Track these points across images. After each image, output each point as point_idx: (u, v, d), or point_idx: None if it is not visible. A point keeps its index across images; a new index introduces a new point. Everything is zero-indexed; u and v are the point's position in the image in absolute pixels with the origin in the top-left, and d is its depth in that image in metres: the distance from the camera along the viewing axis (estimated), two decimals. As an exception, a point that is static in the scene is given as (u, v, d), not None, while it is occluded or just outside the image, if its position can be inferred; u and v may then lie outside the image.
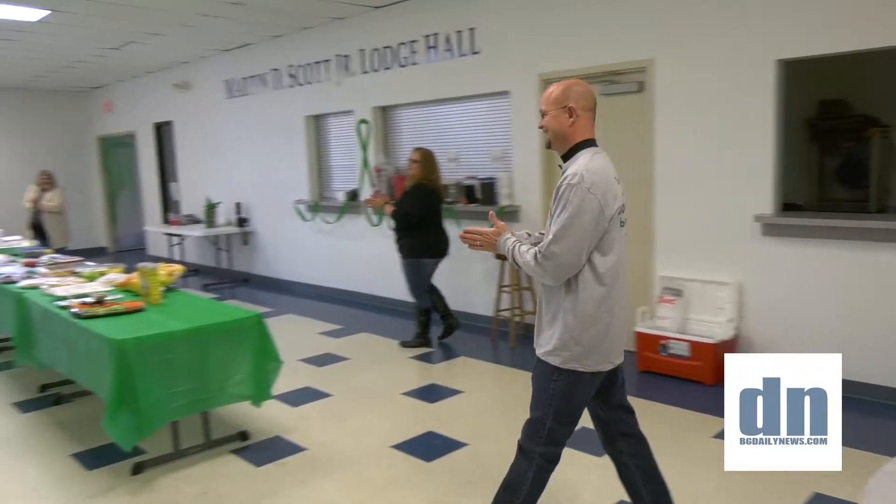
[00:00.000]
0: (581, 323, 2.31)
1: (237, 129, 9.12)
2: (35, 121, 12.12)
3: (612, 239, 2.31)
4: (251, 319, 3.66)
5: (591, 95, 2.41)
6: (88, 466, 3.63)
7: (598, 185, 2.25)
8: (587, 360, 2.34)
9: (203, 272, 9.86)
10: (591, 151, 2.37)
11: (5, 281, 4.89)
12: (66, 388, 4.81)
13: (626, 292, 2.44)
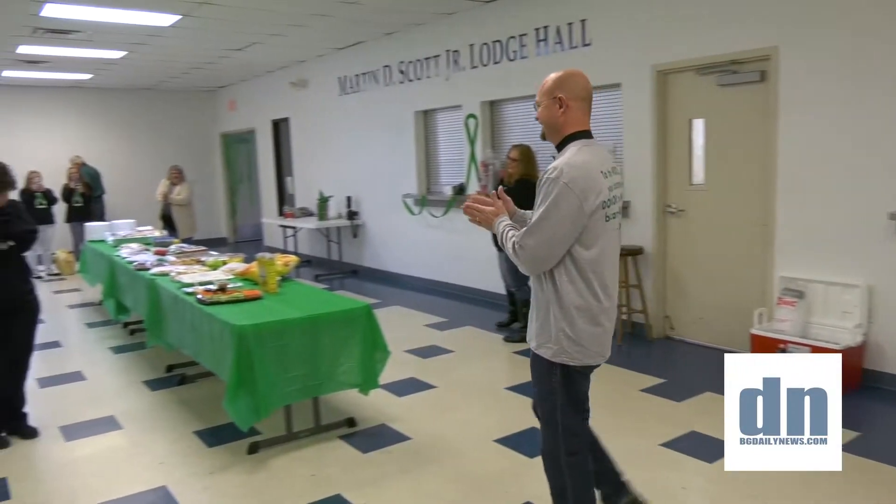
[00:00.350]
0: (567, 315, 2.30)
1: (349, 125, 9.39)
2: (165, 119, 12.98)
3: (596, 233, 2.27)
4: (361, 310, 3.77)
5: (584, 86, 2.35)
6: (209, 444, 3.85)
7: (577, 181, 2.21)
8: (576, 353, 2.33)
9: (315, 263, 10.22)
10: (580, 144, 2.32)
11: (139, 268, 5.28)
12: (191, 369, 5.13)
13: (618, 287, 2.42)
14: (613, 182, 2.33)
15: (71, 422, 4.26)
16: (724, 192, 5.21)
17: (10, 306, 3.87)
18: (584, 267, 2.28)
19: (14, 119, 11.60)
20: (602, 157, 2.34)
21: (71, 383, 5.06)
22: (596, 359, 2.37)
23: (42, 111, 11.84)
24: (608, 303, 2.34)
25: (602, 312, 2.33)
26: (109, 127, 12.41)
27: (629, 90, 5.71)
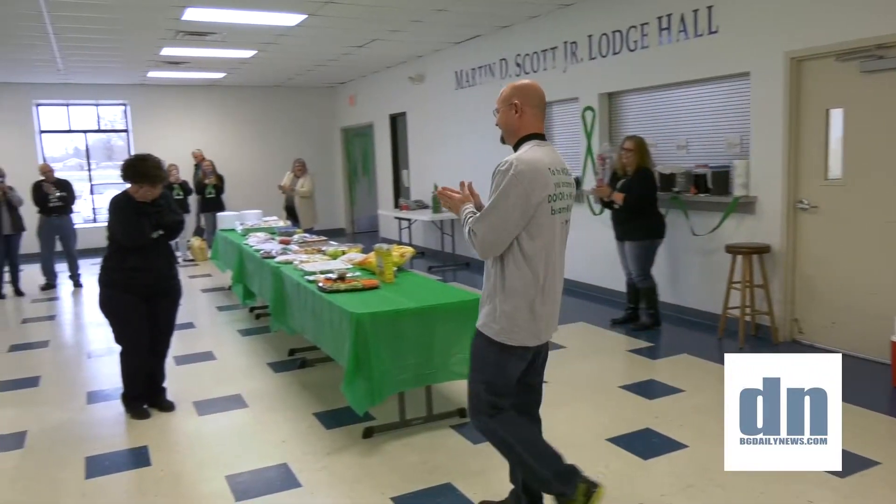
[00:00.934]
0: (509, 299, 2.50)
1: (464, 119, 9.45)
2: (290, 115, 13.58)
3: (541, 225, 2.47)
4: (475, 302, 3.78)
5: (537, 94, 2.61)
6: (327, 426, 4.01)
7: (524, 174, 2.42)
8: (514, 335, 2.52)
9: (428, 255, 10.38)
10: (532, 144, 2.55)
11: (265, 256, 5.56)
12: (311, 353, 5.36)
13: (558, 279, 2.59)
14: (561, 180, 2.53)
15: (203, 398, 4.57)
16: (864, 188, 4.83)
17: (156, 290, 4.18)
18: (529, 255, 2.48)
19: (156, 115, 12.52)
20: (552, 157, 2.54)
21: (203, 362, 5.42)
22: (531, 341, 2.56)
23: (180, 108, 12.71)
24: (548, 290, 2.54)
25: (541, 299, 2.53)
26: (239, 122, 13.14)
27: (759, 79, 5.40)
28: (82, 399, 4.70)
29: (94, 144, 13.19)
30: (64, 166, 13.10)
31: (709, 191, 5.85)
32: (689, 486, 3.16)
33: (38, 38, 7.89)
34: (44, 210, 8.53)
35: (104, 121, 12.88)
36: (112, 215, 4.09)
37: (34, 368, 5.43)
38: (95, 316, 7.47)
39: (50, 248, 8.77)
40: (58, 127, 12.31)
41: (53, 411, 4.47)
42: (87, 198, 12.99)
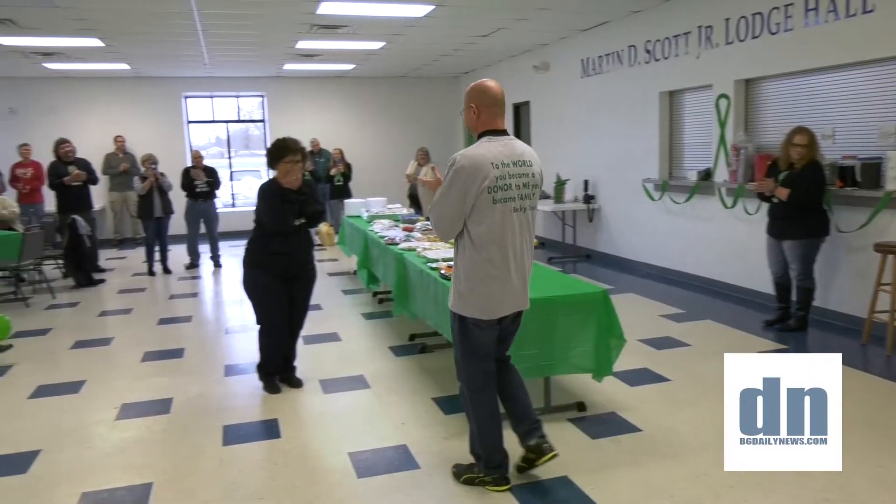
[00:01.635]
0: (465, 277, 2.90)
1: (589, 108, 9.26)
2: (414, 105, 13.83)
3: (483, 212, 2.81)
4: (597, 295, 3.72)
5: (491, 95, 2.92)
6: (445, 411, 4.07)
7: (464, 168, 2.80)
8: (468, 308, 2.92)
9: (549, 246, 10.29)
10: (485, 140, 2.90)
11: (389, 242, 5.71)
12: (431, 339, 5.46)
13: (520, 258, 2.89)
14: (508, 172, 2.83)
15: (328, 377, 4.77)
16: None
17: (295, 273, 4.40)
18: (476, 239, 2.85)
19: (289, 106, 13.14)
20: (503, 151, 2.85)
21: (329, 343, 5.66)
22: (486, 314, 2.91)
23: (311, 99, 13.26)
24: (497, 271, 2.86)
25: (492, 278, 2.86)
26: (366, 112, 13.53)
27: (920, 63, 4.92)
28: (220, 371, 5.03)
29: (234, 134, 14.05)
30: (206, 154, 14.11)
31: (857, 184, 5.41)
32: (825, 501, 2.96)
33: (188, 35, 8.48)
34: (191, 194, 9.18)
35: (243, 111, 13.69)
36: (260, 201, 4.31)
37: (179, 341, 5.88)
38: (233, 294, 8.00)
39: (195, 231, 9.42)
40: (202, 117, 13.20)
41: (195, 381, 4.83)
42: (227, 184, 13.88)
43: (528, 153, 2.94)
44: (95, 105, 12.32)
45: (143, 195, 8.78)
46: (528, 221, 2.93)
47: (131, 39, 8.74)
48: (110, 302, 7.59)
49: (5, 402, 4.53)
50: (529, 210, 2.92)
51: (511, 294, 2.92)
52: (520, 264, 2.92)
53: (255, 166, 15.44)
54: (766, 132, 6.57)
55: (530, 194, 2.91)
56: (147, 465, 3.54)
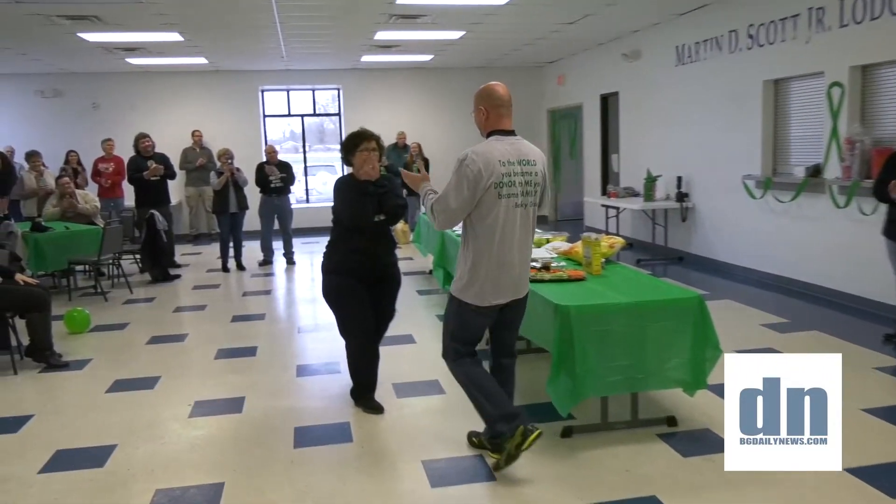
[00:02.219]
0: (468, 266, 3.27)
1: (684, 98, 9.00)
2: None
3: (489, 206, 3.17)
4: (692, 301, 3.60)
5: (496, 95, 3.34)
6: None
7: (475, 162, 3.15)
8: (467, 294, 3.29)
9: (637, 247, 10.07)
10: (493, 139, 3.26)
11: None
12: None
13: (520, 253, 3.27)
14: (514, 170, 3.20)
15: (402, 381, 4.80)
16: None
17: (378, 276, 4.24)
18: (479, 232, 3.21)
19: (365, 99, 13.35)
20: (509, 150, 3.23)
21: (403, 345, 5.70)
22: (485, 300, 3.27)
23: (387, 91, 13.42)
24: (499, 261, 3.22)
25: (493, 268, 3.23)
26: (444, 105, 13.57)
27: None
28: (292, 371, 5.15)
29: (309, 128, 14.40)
30: (281, 149, 14.50)
31: None
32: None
33: (267, 27, 8.74)
34: (265, 190, 9.45)
35: (318, 105, 14.00)
36: (336, 196, 4.22)
37: (252, 339, 6.06)
38: (306, 292, 8.18)
39: (269, 227, 9.69)
40: (278, 111, 13.58)
41: (267, 381, 4.96)
42: (301, 179, 14.22)
43: (533, 153, 3.30)
44: (174, 99, 12.86)
45: (218, 190, 9.11)
46: (528, 217, 3.29)
47: (210, 33, 9.07)
48: (185, 298, 7.89)
49: (83, 396, 4.77)
50: (531, 206, 3.28)
51: (512, 283, 3.29)
52: (521, 256, 3.29)
53: (330, 161, 15.79)
54: (886, 124, 6.21)
55: (533, 192, 3.26)
56: (219, 464, 3.65)
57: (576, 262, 4.56)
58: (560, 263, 4.49)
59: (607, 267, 4.44)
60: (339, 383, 4.78)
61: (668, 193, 9.25)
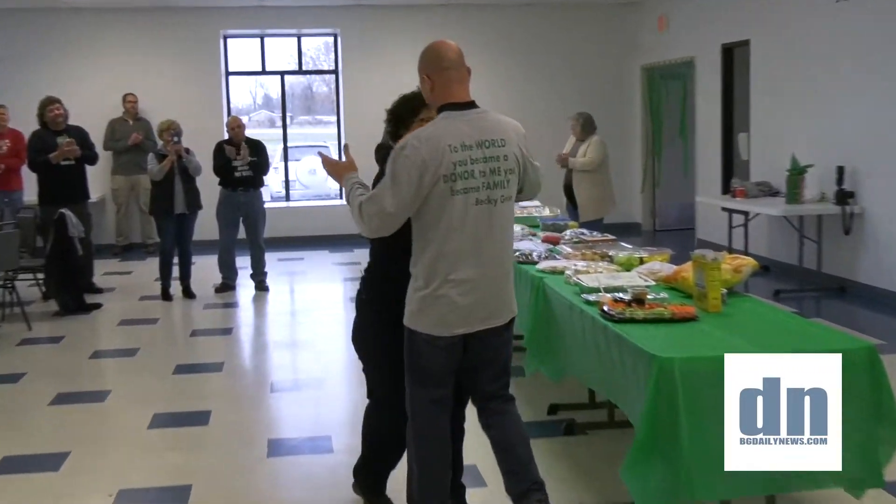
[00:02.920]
0: (413, 282, 3.53)
1: (850, 50, 8.94)
2: (559, 48, 13.86)
3: (440, 206, 3.41)
4: (859, 353, 3.53)
5: (441, 55, 3.53)
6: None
7: (417, 150, 3.36)
8: (418, 321, 3.52)
9: (776, 270, 9.98)
10: (442, 117, 3.50)
11: (523, 260, 5.70)
12: (582, 413, 5.40)
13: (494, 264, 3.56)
14: (471, 156, 3.42)
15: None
16: None
17: None
18: (429, 238, 3.44)
19: (373, 50, 13.45)
20: (462, 131, 3.43)
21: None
22: (444, 329, 3.48)
23: (404, 40, 13.38)
24: (460, 276, 3.44)
25: (452, 285, 3.44)
26: (485, 60, 13.48)
27: None
28: (261, 449, 5.18)
29: (292, 91, 14.60)
30: (251, 121, 14.58)
31: None
32: None
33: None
34: (227, 181, 9.55)
35: (306, 58, 14.19)
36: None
37: (204, 400, 6.11)
38: (283, 333, 8.22)
39: (231, 235, 9.80)
40: (247, 67, 13.76)
41: (225, 462, 4.98)
42: (279, 166, 14.32)
43: (500, 128, 3.54)
44: (98, 49, 13.11)
45: (159, 181, 9.22)
46: (501, 214, 3.53)
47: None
48: (107, 338, 8.00)
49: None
50: (501, 201, 3.51)
51: (480, 304, 3.51)
52: (492, 268, 3.53)
53: (323, 139, 15.96)
54: None
55: (502, 182, 3.50)
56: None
57: (683, 294, 4.53)
58: (659, 295, 4.46)
59: (730, 301, 4.40)
60: (330, 466, 4.79)
61: (823, 192, 9.20)
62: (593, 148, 9.29)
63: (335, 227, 12.89)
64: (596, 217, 9.12)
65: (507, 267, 3.64)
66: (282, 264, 11.43)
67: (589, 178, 9.33)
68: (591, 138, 9.33)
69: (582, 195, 9.31)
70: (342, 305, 9.27)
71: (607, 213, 9.41)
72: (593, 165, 9.25)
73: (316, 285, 10.73)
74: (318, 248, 12.76)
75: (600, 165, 9.31)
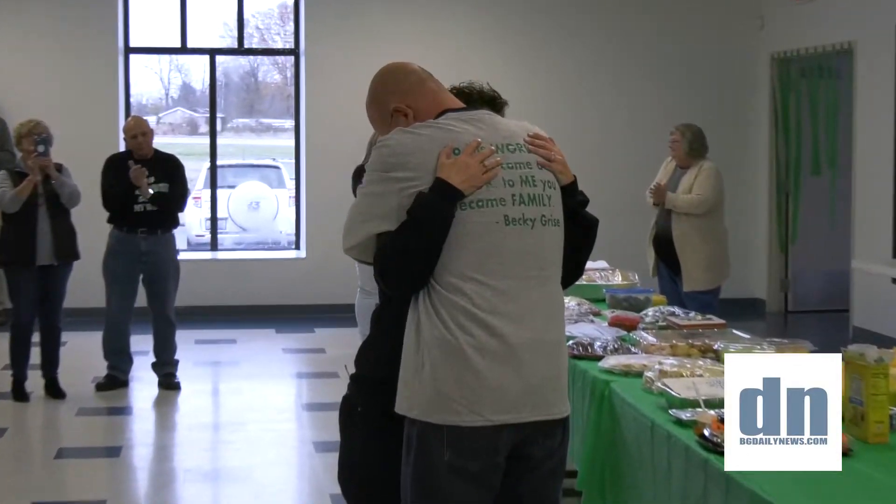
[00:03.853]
0: (425, 356, 3.50)
1: None
2: (654, 31, 14.12)
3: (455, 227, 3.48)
4: None
5: (404, 72, 3.83)
6: None
7: (402, 147, 3.57)
8: (440, 409, 3.44)
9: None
10: (443, 119, 3.67)
11: (580, 353, 5.70)
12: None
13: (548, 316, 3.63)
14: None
15: None
16: None
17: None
18: (440, 279, 3.50)
19: (357, 20, 13.58)
20: (476, 133, 3.59)
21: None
22: (469, 418, 3.43)
23: (402, 11, 13.66)
24: (484, 334, 3.44)
25: (475, 349, 3.43)
26: (529, 46, 13.77)
27: None
28: None
29: (224, 81, 14.66)
30: (159, 124, 14.69)
31: None
32: None
33: None
34: (121, 217, 9.62)
35: (247, 30, 14.31)
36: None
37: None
38: (198, 458, 8.20)
39: (125, 301, 9.84)
40: (156, 42, 13.87)
41: None
42: (202, 195, 14.39)
43: (521, 132, 3.70)
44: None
45: (12, 213, 9.28)
46: (544, 243, 3.59)
47: None
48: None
49: None
50: (543, 224, 3.58)
51: (517, 381, 3.49)
52: (534, 324, 3.53)
53: (270, 154, 16.02)
54: None
55: (540, 196, 3.59)
56: None
57: (830, 413, 4.55)
58: (793, 412, 4.49)
59: (905, 427, 4.44)
60: None
61: None
62: (707, 179, 9.20)
63: (287, 293, 12.97)
64: (707, 287, 9.12)
65: (560, 330, 3.67)
66: (202, 349, 11.44)
67: (699, 225, 9.25)
68: (702, 164, 9.26)
69: (687, 251, 9.22)
70: (294, 417, 9.27)
71: (723, 280, 9.39)
72: (707, 206, 9.18)
73: (254, 384, 10.60)
74: (260, 324, 12.85)
75: (715, 206, 9.29)
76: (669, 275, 9.29)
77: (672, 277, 9.16)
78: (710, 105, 13.72)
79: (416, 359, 3.52)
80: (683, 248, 9.22)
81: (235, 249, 14.47)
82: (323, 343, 11.50)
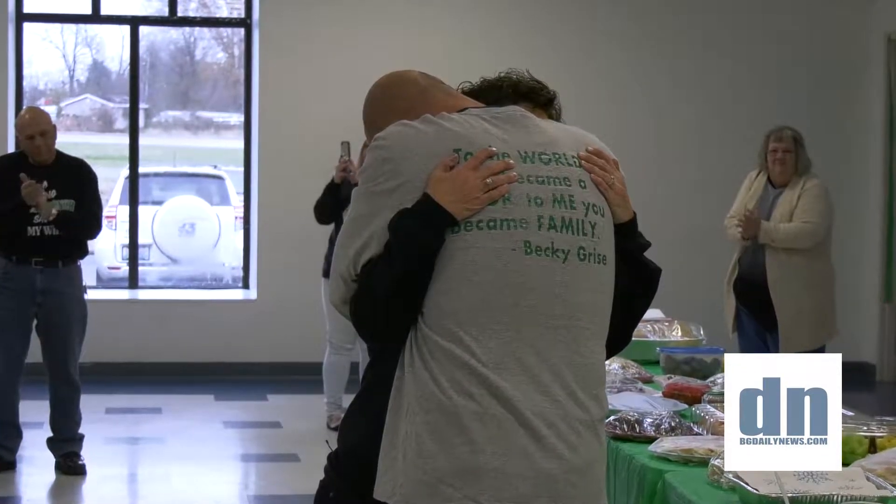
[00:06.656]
0: (416, 423, 3.44)
1: None
2: (733, 18, 14.15)
3: (450, 254, 3.42)
4: None
5: (411, 80, 3.89)
6: None
7: (397, 146, 3.63)
8: (428, 494, 3.41)
9: None
10: (469, 113, 3.74)
11: (624, 433, 5.77)
12: None
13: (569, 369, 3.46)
14: (525, 171, 3.55)
15: None
16: None
17: None
18: (433, 321, 3.43)
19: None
20: (500, 135, 3.62)
21: None
22: (487, 489, 3.35)
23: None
24: (489, 394, 3.36)
25: (479, 417, 3.35)
26: (556, 34, 13.94)
27: None
28: None
29: (149, 61, 14.79)
30: (62, 117, 14.82)
31: None
32: None
33: None
34: (8, 244, 9.73)
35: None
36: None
37: None
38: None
39: (13, 356, 9.88)
40: (61, 9, 14.00)
41: None
42: (118, 213, 14.48)
43: (566, 140, 3.64)
44: None
45: None
46: (577, 282, 3.48)
47: None
48: None
49: None
50: (581, 258, 3.48)
51: (527, 464, 3.39)
52: (557, 389, 3.43)
53: (211, 158, 16.12)
54: None
55: (580, 223, 3.49)
56: None
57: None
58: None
59: None
60: None
61: None
62: (815, 201, 9.17)
63: (231, 347, 13.07)
64: (813, 345, 9.07)
65: (595, 401, 3.53)
66: (116, 421, 11.51)
67: (804, 264, 9.23)
68: (804, 181, 9.19)
69: (787, 300, 9.16)
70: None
71: (831, 339, 9.34)
72: (818, 237, 9.17)
73: (185, 468, 10.64)
74: (195, 389, 12.97)
75: (825, 238, 9.22)
76: (756, 330, 9.24)
77: (759, 334, 9.06)
78: (801, 102, 13.83)
79: (399, 428, 3.51)
80: (782, 295, 9.15)
81: (162, 287, 14.51)
82: (278, 414, 11.60)
